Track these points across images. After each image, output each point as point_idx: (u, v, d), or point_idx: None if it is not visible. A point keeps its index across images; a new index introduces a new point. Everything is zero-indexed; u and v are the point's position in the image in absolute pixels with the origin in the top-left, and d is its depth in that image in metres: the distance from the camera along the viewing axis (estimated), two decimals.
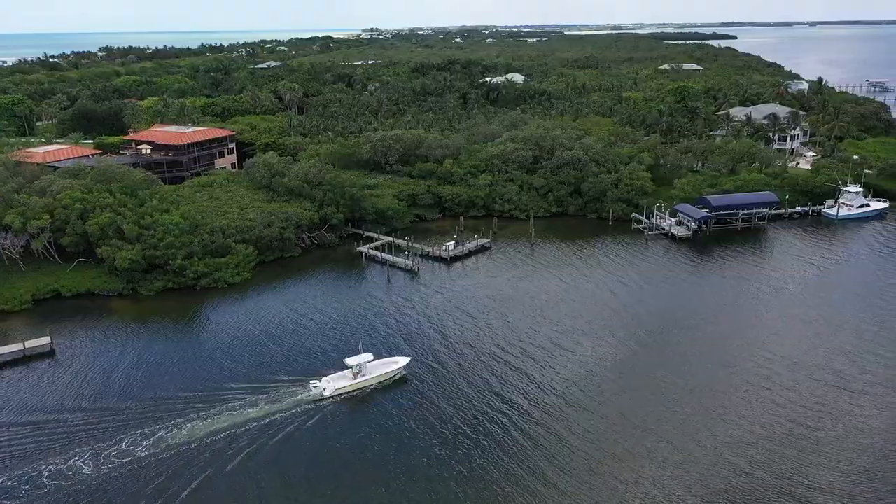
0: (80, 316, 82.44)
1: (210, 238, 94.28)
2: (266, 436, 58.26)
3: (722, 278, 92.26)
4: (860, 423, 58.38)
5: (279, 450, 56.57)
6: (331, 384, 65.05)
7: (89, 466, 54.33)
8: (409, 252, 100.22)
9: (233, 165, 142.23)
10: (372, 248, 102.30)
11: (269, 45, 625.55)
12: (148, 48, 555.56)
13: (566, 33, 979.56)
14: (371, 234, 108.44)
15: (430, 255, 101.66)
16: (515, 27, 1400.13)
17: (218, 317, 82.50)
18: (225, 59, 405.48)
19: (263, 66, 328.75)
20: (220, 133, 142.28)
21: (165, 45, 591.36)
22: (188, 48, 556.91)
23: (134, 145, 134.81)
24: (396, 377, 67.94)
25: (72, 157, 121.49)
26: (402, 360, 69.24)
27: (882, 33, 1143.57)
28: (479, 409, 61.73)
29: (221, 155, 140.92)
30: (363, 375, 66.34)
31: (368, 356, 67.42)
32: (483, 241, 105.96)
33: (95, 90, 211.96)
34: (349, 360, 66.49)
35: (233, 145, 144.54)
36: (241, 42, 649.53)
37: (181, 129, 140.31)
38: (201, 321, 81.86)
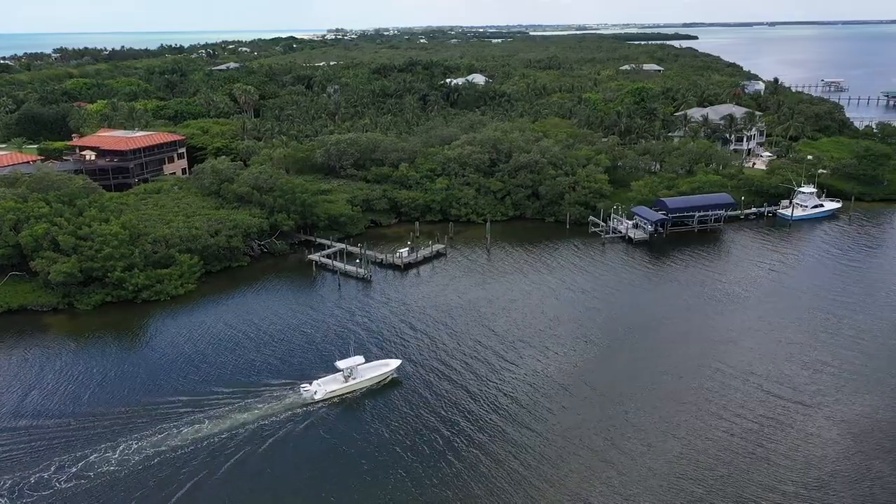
0: (11, 333, 78.27)
1: (152, 248, 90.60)
2: (254, 443, 56.97)
3: (676, 283, 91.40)
4: (811, 435, 57.27)
5: (269, 456, 55.29)
6: (322, 388, 64.20)
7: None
8: (362, 259, 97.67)
9: (183, 171, 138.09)
10: (323, 256, 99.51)
11: (230, 46, 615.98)
12: (105, 49, 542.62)
13: (531, 34, 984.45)
14: (323, 241, 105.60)
15: (384, 262, 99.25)
16: (481, 27, 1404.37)
17: (159, 330, 79.03)
18: (184, 60, 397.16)
19: (222, 67, 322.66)
20: (168, 138, 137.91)
21: (123, 46, 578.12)
22: (146, 49, 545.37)
23: (78, 151, 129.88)
24: (388, 380, 67.06)
25: (10, 163, 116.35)
26: (394, 363, 68.46)
27: (837, 33, 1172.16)
28: (407, 438, 58.90)
29: (171, 160, 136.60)
30: (354, 378, 65.60)
31: (359, 359, 66.71)
32: (438, 246, 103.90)
33: (43, 93, 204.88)
34: (340, 363, 65.67)
35: (183, 150, 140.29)
36: (203, 43, 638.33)
37: (128, 133, 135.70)
38: (142, 335, 78.37)
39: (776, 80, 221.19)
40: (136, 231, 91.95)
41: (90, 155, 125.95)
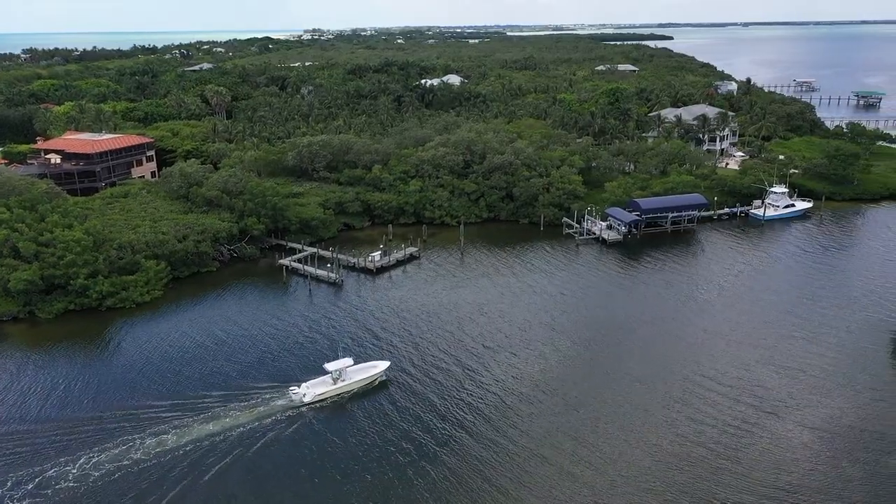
0: None
1: (117, 254, 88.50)
2: (243, 446, 56.43)
3: (649, 286, 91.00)
4: (782, 440, 56.94)
5: (257, 461, 54.76)
6: (310, 390, 63.85)
7: None
8: (333, 263, 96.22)
9: (152, 174, 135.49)
10: (294, 261, 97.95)
11: (205, 47, 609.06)
12: (76, 50, 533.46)
13: (508, 34, 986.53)
14: (295, 246, 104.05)
15: (356, 266, 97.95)
16: (459, 28, 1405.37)
17: (125, 339, 77.08)
18: (157, 61, 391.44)
19: (195, 68, 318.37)
20: (137, 140, 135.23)
21: (95, 47, 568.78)
22: (119, 50, 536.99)
23: (42, 154, 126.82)
24: (377, 381, 66.74)
25: None
26: (383, 364, 68.20)
27: (809, 34, 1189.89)
28: (369, 450, 58.13)
29: (139, 163, 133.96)
30: (343, 380, 65.33)
31: (348, 361, 66.67)
32: (412, 249, 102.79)
33: (9, 94, 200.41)
34: (329, 366, 65.38)
35: (152, 153, 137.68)
36: (177, 43, 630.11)
37: (94, 136, 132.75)
38: (107, 344, 76.34)
39: (749, 80, 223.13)
40: (100, 237, 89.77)
41: (55, 158, 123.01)
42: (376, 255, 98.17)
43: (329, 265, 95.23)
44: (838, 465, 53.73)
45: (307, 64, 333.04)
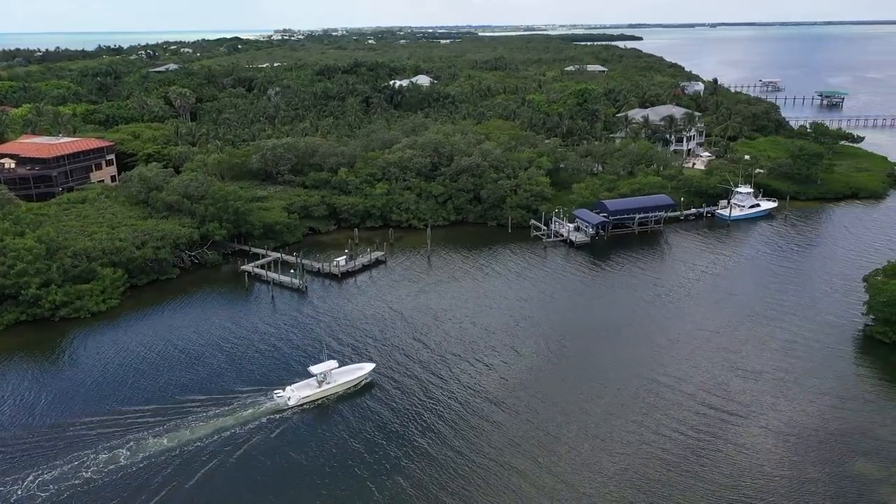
0: None
1: (72, 262, 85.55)
2: (226, 451, 55.78)
3: (615, 289, 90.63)
4: (746, 445, 56.51)
5: (241, 465, 54.29)
6: (295, 393, 63.47)
7: None
8: (297, 269, 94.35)
9: (112, 178, 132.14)
10: (257, 266, 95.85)
11: (172, 47, 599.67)
12: (39, 50, 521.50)
13: (480, 34, 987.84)
14: (258, 251, 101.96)
15: (321, 271, 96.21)
16: (431, 28, 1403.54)
17: (79, 350, 74.50)
18: (122, 61, 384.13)
19: (161, 69, 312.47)
20: (96, 144, 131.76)
21: (58, 47, 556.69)
22: (83, 50, 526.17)
23: None
24: (362, 384, 66.35)
25: None
26: (368, 366, 67.78)
27: (775, 34, 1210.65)
28: (325, 463, 56.88)
29: (98, 168, 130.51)
30: (328, 383, 64.91)
31: (333, 363, 66.35)
32: (378, 254, 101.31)
33: None
34: (313, 368, 65.00)
35: (112, 157, 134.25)
36: (143, 43, 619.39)
37: (51, 140, 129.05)
38: (60, 356, 73.72)
39: (715, 80, 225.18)
40: (54, 244, 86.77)
41: (9, 163, 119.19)
42: (341, 259, 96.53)
43: (293, 271, 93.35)
44: (803, 469, 53.52)
45: (276, 65, 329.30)
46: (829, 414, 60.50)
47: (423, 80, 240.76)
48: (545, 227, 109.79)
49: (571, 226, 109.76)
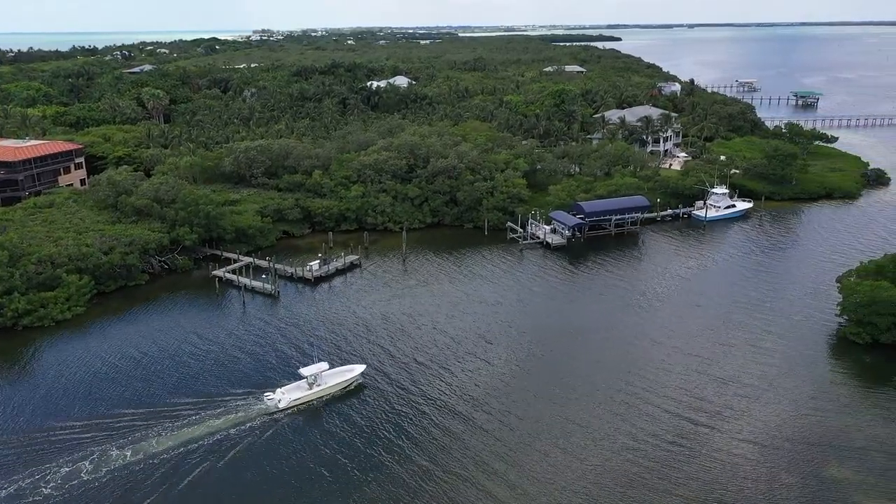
0: None
1: (36, 269, 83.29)
2: (216, 455, 55.29)
3: (590, 291, 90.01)
4: (720, 452, 55.87)
5: (231, 469, 53.73)
6: (286, 395, 63.01)
7: None
8: (269, 274, 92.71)
9: (82, 182, 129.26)
10: (228, 272, 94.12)
11: (148, 48, 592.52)
12: (11, 50, 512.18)
13: (461, 35, 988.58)
14: (230, 255, 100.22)
15: (294, 276, 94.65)
16: (411, 28, 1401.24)
17: (42, 359, 72.45)
18: (96, 62, 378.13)
19: (136, 70, 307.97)
20: (64, 147, 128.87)
21: (31, 48, 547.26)
22: (57, 50, 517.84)
23: None
24: (353, 385, 66.06)
25: None
26: (359, 368, 67.46)
27: (752, 35, 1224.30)
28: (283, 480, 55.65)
29: (67, 171, 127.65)
30: (319, 385, 64.48)
31: (324, 365, 65.89)
32: (352, 257, 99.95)
33: None
34: (304, 370, 64.57)
35: (81, 160, 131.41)
36: (119, 44, 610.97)
37: (18, 143, 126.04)
38: (23, 365, 71.50)
39: (692, 81, 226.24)
40: (17, 250, 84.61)
41: None
42: (315, 264, 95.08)
43: (264, 276, 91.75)
44: (777, 475, 53.02)
45: (253, 66, 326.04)
46: (804, 419, 60.14)
47: (402, 80, 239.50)
48: (521, 230, 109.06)
49: (548, 228, 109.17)
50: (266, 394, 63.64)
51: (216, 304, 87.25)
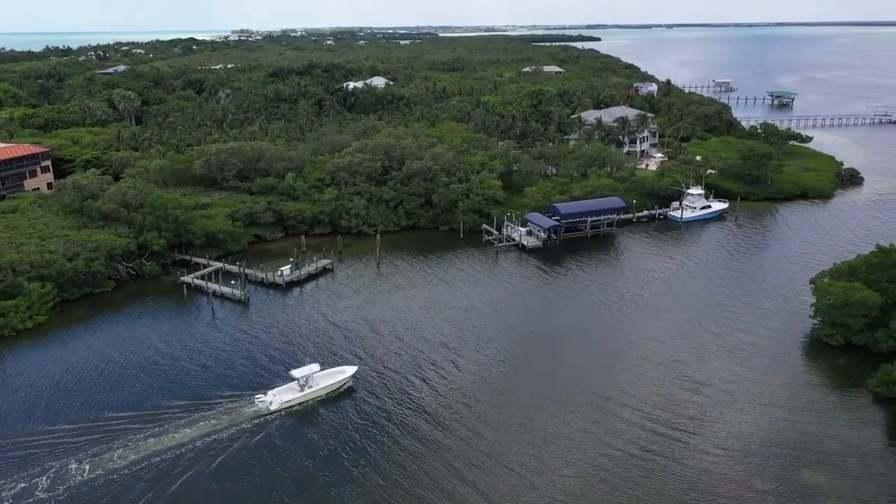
0: None
1: None
2: (206, 458, 54.73)
3: (566, 295, 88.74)
4: (694, 461, 55.07)
5: (221, 472, 53.19)
6: (277, 398, 62.56)
7: None
8: (240, 279, 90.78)
9: (49, 186, 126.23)
10: (197, 277, 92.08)
11: (124, 48, 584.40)
12: None
13: (441, 35, 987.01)
14: (200, 261, 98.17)
15: (265, 281, 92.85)
16: (391, 29, 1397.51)
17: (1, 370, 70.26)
18: (70, 62, 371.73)
19: (109, 71, 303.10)
20: (29, 150, 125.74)
21: (3, 48, 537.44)
22: (30, 51, 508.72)
23: None
24: (345, 387, 65.70)
25: None
26: (350, 369, 67.10)
27: (729, 35, 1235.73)
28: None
29: (33, 174, 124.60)
30: (310, 387, 64.02)
31: (315, 367, 65.38)
32: (325, 262, 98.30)
33: None
34: (295, 372, 64.21)
35: (48, 163, 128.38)
36: (94, 44, 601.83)
37: None
38: None
39: (669, 81, 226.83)
40: None
41: None
42: (286, 268, 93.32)
43: (233, 282, 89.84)
44: (750, 482, 52.37)
45: (229, 66, 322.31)
46: (777, 424, 59.49)
47: (379, 81, 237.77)
48: (497, 232, 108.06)
49: (523, 230, 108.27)
50: (257, 396, 63.03)
51: (184, 311, 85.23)
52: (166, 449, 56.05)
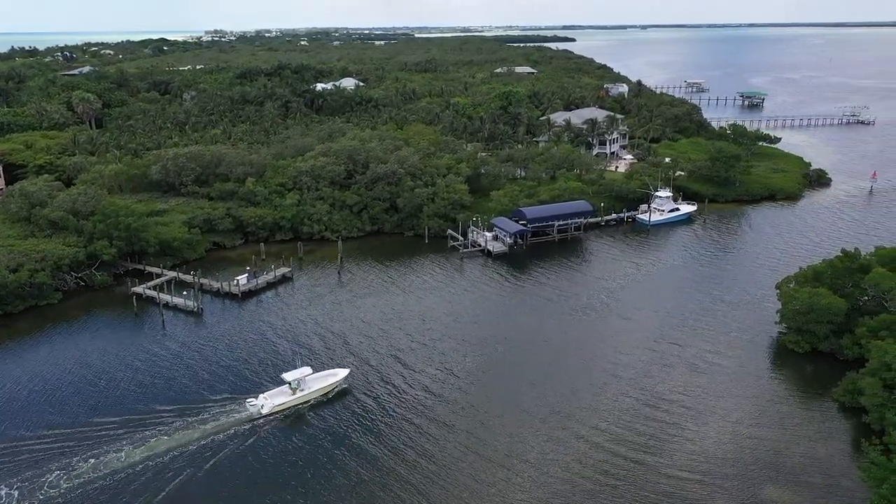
0: None
1: None
2: (197, 462, 54.01)
3: (529, 303, 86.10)
4: (657, 482, 53.01)
5: (213, 476, 52.52)
6: (269, 401, 62.02)
7: None
8: (194, 289, 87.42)
9: None
10: (149, 288, 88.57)
11: (92, 49, 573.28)
12: None
13: (416, 36, 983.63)
14: (153, 270, 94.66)
15: (221, 291, 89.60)
16: (367, 29, 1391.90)
17: None
18: (36, 63, 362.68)
19: (74, 72, 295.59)
20: None
21: None
22: None
23: None
24: (337, 390, 65.03)
25: None
26: (342, 372, 66.55)
27: (702, 36, 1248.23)
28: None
29: None
30: (302, 390, 63.49)
31: (307, 370, 65.10)
32: (283, 270, 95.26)
33: None
34: (287, 375, 63.73)
35: None
36: (62, 45, 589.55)
37: None
38: None
39: (639, 82, 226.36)
40: None
41: None
42: (242, 278, 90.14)
43: (185, 292, 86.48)
44: (713, 500, 50.49)
45: (198, 67, 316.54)
46: (741, 441, 57.32)
47: (349, 82, 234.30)
48: (462, 238, 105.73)
49: (489, 235, 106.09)
50: (248, 400, 62.04)
51: (133, 324, 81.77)
52: (109, 474, 52.99)
